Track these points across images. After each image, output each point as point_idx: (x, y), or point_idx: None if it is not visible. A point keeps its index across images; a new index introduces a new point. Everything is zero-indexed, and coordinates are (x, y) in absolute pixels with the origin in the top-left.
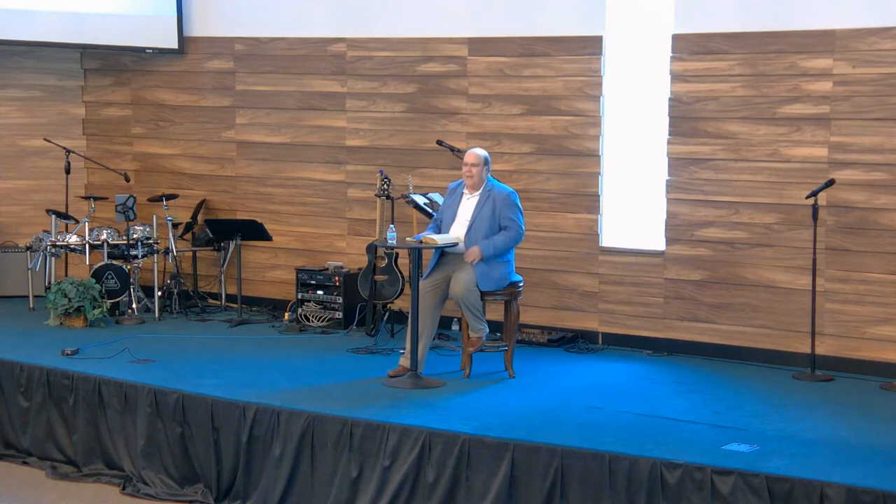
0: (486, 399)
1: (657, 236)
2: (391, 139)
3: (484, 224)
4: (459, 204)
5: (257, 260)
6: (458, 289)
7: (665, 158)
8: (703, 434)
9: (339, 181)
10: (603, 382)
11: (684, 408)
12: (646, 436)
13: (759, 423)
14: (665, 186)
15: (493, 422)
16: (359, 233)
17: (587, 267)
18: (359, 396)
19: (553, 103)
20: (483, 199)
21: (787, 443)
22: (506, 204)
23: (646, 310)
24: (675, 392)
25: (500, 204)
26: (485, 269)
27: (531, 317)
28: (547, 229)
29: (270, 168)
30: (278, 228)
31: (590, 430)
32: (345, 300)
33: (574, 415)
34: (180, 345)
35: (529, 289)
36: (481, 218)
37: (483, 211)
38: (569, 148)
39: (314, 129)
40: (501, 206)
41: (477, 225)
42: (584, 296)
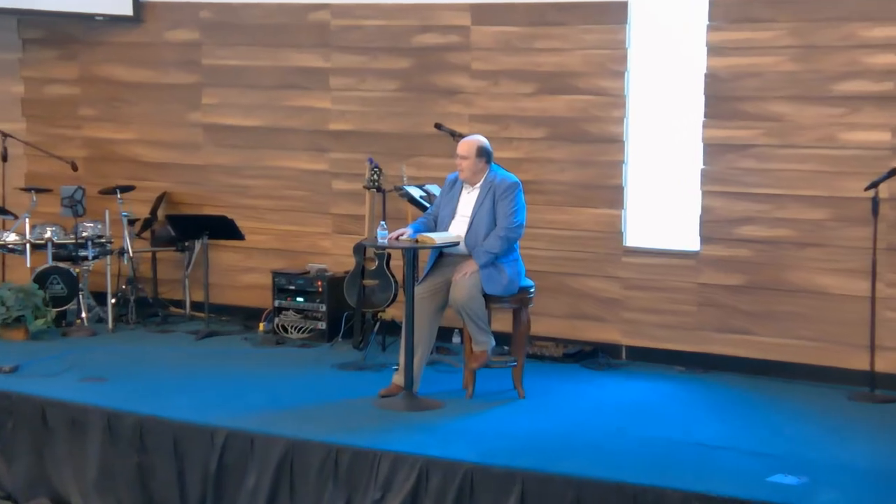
0: (491, 422)
1: (690, 235)
2: (382, 123)
3: (484, 221)
4: (459, 198)
5: (228, 262)
6: (459, 295)
7: (699, 144)
8: (744, 463)
9: (323, 171)
10: (627, 403)
11: (721, 432)
12: (676, 465)
13: (808, 450)
14: (699, 177)
15: (499, 448)
16: (345, 231)
17: (609, 270)
18: (345, 419)
19: (570, 80)
20: (484, 192)
21: (842, 473)
22: (503, 193)
23: (676, 319)
24: (710, 414)
25: (499, 195)
26: (490, 271)
27: (544, 327)
28: (562, 227)
29: (243, 156)
30: (252, 226)
31: (611, 458)
32: (329, 308)
33: (593, 440)
34: (138, 360)
35: (542, 295)
36: (481, 214)
37: (483, 206)
38: (588, 132)
39: (293, 110)
40: (499, 197)
41: (477, 223)
42: (604, 303)
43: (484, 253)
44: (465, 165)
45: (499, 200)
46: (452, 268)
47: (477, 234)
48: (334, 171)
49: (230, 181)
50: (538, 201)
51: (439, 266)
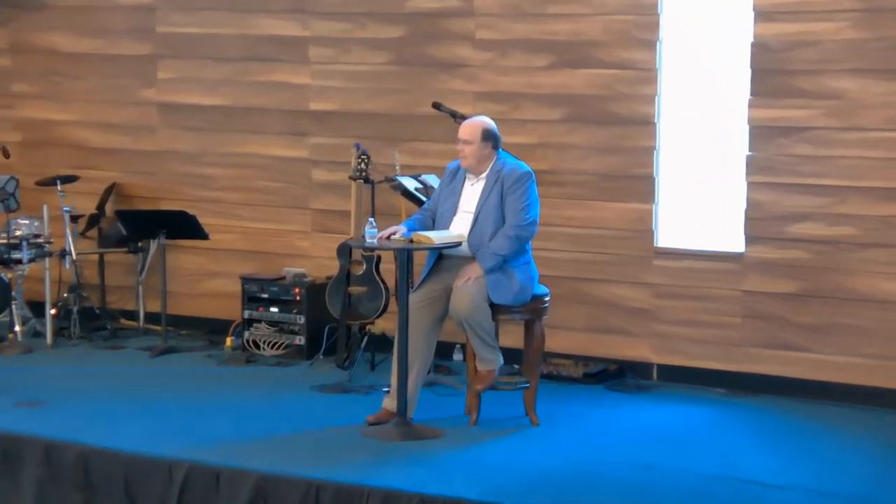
0: (499, 454)
1: (733, 234)
2: (371, 102)
3: (491, 218)
4: (461, 191)
5: (188, 266)
6: (461, 304)
7: (745, 127)
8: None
9: (301, 159)
10: (658, 432)
11: (770, 467)
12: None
13: (872, 488)
14: (744, 166)
15: (508, 484)
16: (327, 229)
17: (637, 275)
18: (327, 450)
19: (591, 52)
20: (490, 184)
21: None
22: (512, 185)
23: (717, 333)
24: (757, 445)
25: (508, 186)
26: (497, 276)
27: (561, 343)
28: (582, 224)
29: (205, 141)
30: (217, 223)
31: (640, 497)
32: (308, 320)
33: (619, 476)
34: (83, 381)
35: (558, 304)
36: (487, 210)
37: (490, 200)
38: (613, 113)
39: (265, 87)
40: (508, 189)
41: (482, 219)
42: (632, 314)
43: (490, 255)
44: (469, 152)
45: (507, 193)
46: (454, 272)
47: (482, 232)
48: (314, 158)
49: (191, 170)
50: (554, 194)
51: (438, 270)
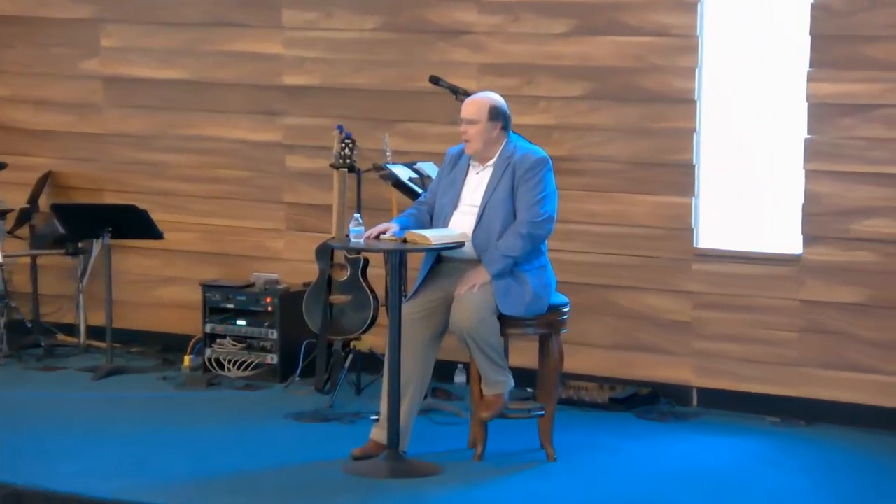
0: (509, 495)
1: (788, 232)
2: (357, 75)
3: (500, 213)
4: (464, 181)
5: (139, 270)
6: (463, 316)
7: (802, 105)
8: None
9: (273, 143)
10: (698, 468)
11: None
12: None
13: None
14: (802, 151)
15: None
16: (304, 227)
17: (674, 282)
18: (305, 489)
19: (619, 15)
20: (499, 172)
21: None
22: (525, 174)
23: (769, 351)
24: (817, 485)
25: (520, 175)
26: (507, 283)
27: (582, 362)
28: (608, 220)
29: (159, 121)
30: (173, 220)
31: None
32: (282, 335)
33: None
34: (13, 408)
35: (580, 316)
36: (495, 203)
37: (499, 191)
38: (645, 89)
39: (230, 58)
40: (520, 179)
41: (489, 215)
42: (668, 328)
43: (499, 257)
44: (473, 134)
45: (520, 183)
46: (455, 278)
47: (489, 230)
48: (289, 142)
49: (141, 156)
50: (574, 185)
51: (436, 276)
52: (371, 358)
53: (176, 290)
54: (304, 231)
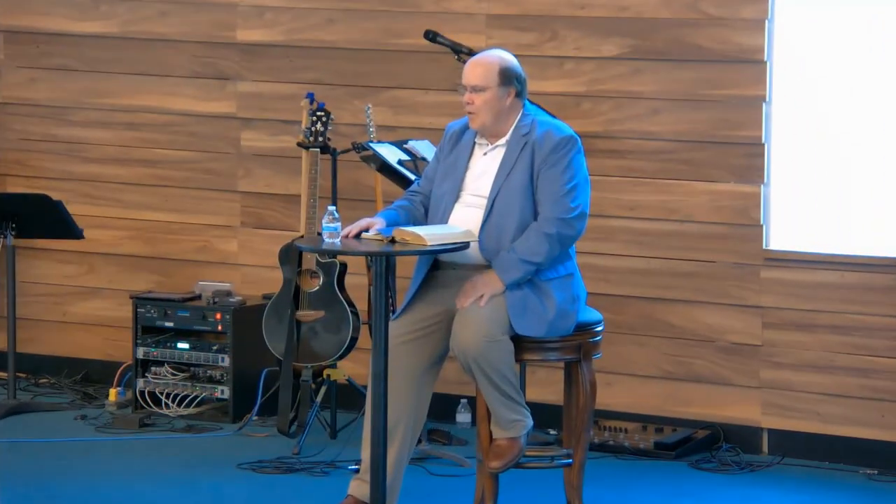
0: None
1: (886, 230)
2: (330, 29)
3: (514, 205)
4: (467, 165)
5: (51, 279)
6: (468, 336)
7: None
8: None
9: (224, 116)
10: None
11: None
12: None
13: None
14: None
15: None
16: (264, 223)
17: (738, 293)
18: None
19: None
20: (514, 152)
21: None
22: (549, 156)
23: (862, 383)
24: None
25: (543, 162)
26: (525, 295)
27: (621, 396)
28: (653, 215)
29: (77, 87)
30: (95, 214)
31: None
32: (236, 362)
33: None
34: None
35: (618, 338)
36: (510, 192)
37: (514, 178)
38: (700, 46)
39: (170, 5)
40: (542, 162)
41: (502, 208)
42: (730, 353)
43: (517, 263)
44: (481, 104)
45: (542, 169)
46: (458, 289)
47: (501, 227)
48: (245, 115)
49: (54, 132)
50: (611, 170)
51: (433, 286)
52: (349, 391)
53: (99, 304)
54: (264, 228)
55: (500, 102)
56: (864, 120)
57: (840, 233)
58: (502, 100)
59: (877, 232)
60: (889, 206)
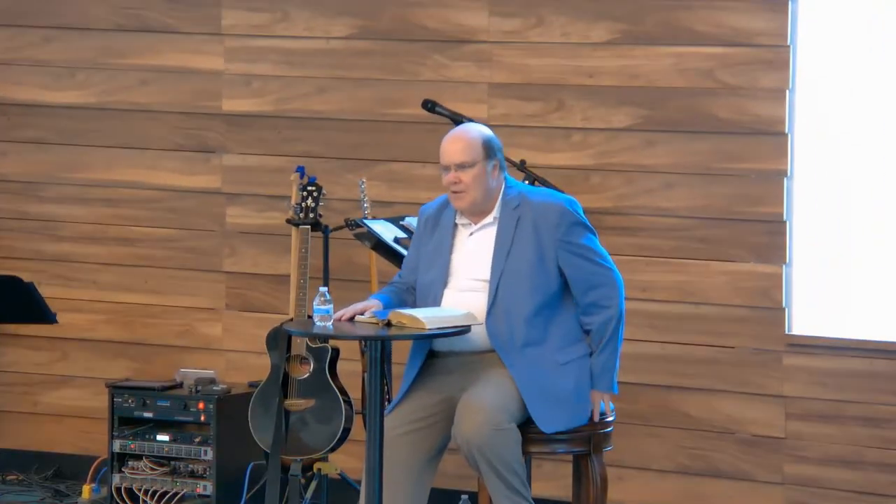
0: None
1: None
2: (322, 99)
3: (524, 284)
4: (452, 247)
5: (21, 366)
6: (472, 424)
7: None
8: None
9: (208, 190)
10: None
11: None
12: None
13: None
14: None
15: None
16: (251, 305)
17: (759, 380)
18: None
19: (680, 17)
20: (509, 228)
21: None
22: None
23: (893, 481)
24: None
25: (555, 233)
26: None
27: (635, 492)
28: (667, 296)
29: (52, 161)
30: (69, 296)
31: None
32: (219, 455)
33: None
34: None
35: (631, 429)
36: (518, 270)
37: (520, 253)
38: (717, 117)
39: (151, 74)
40: (559, 238)
41: (511, 288)
42: (751, 446)
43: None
44: (470, 181)
45: (564, 242)
46: (461, 375)
47: (512, 311)
48: (230, 189)
49: (26, 208)
50: (624, 248)
51: (433, 373)
52: (342, 486)
53: (73, 393)
54: (251, 311)
55: (488, 177)
56: (892, 196)
57: (868, 317)
58: (490, 174)
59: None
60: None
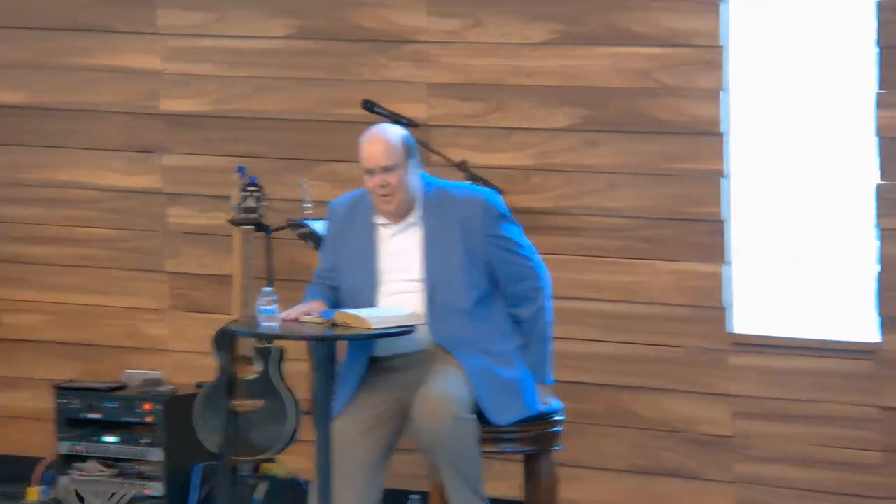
0: None
1: (860, 313)
2: (263, 99)
3: (461, 280)
4: (375, 248)
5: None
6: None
7: (871, 139)
8: None
9: (149, 190)
10: None
11: None
12: None
13: None
14: (874, 201)
15: None
16: (195, 306)
17: (706, 380)
18: None
19: (618, 18)
20: (435, 225)
21: None
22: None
23: (842, 477)
24: None
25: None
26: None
27: (585, 491)
28: (613, 296)
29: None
30: (13, 298)
31: None
32: (167, 457)
33: None
34: None
35: (581, 428)
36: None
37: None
38: (655, 117)
39: (90, 75)
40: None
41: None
42: (701, 445)
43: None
44: (397, 182)
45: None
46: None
47: (452, 307)
48: (171, 190)
49: None
50: (567, 248)
51: (377, 372)
52: (293, 487)
53: (17, 395)
54: (196, 311)
55: (412, 179)
56: (829, 194)
57: (808, 315)
58: (413, 175)
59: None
60: (857, 290)
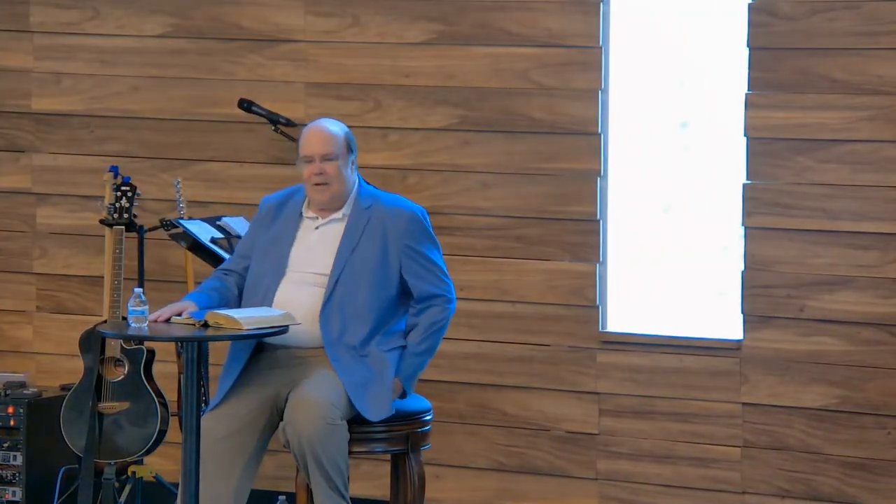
0: None
1: (725, 311)
2: (136, 98)
3: (365, 281)
4: (295, 238)
5: None
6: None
7: (740, 139)
8: None
9: (17, 191)
10: None
11: None
12: None
13: None
14: (741, 200)
15: None
16: (63, 308)
17: (573, 378)
18: None
19: (494, 18)
20: (358, 226)
21: None
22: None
23: (703, 473)
24: None
25: (402, 238)
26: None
27: (451, 489)
28: (483, 295)
29: None
30: None
31: None
32: (29, 460)
33: None
34: None
35: (446, 426)
36: (358, 269)
37: (363, 254)
38: (531, 118)
39: None
40: (405, 244)
41: (350, 286)
42: (566, 443)
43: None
44: (335, 172)
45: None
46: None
47: (347, 308)
48: (40, 190)
49: None
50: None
51: (257, 370)
52: (158, 490)
53: None
54: (63, 313)
55: (349, 171)
56: (697, 197)
57: (676, 314)
58: (350, 170)
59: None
60: (722, 288)
